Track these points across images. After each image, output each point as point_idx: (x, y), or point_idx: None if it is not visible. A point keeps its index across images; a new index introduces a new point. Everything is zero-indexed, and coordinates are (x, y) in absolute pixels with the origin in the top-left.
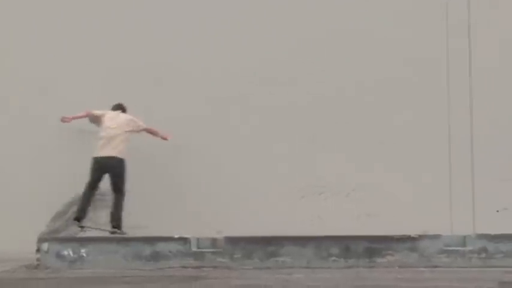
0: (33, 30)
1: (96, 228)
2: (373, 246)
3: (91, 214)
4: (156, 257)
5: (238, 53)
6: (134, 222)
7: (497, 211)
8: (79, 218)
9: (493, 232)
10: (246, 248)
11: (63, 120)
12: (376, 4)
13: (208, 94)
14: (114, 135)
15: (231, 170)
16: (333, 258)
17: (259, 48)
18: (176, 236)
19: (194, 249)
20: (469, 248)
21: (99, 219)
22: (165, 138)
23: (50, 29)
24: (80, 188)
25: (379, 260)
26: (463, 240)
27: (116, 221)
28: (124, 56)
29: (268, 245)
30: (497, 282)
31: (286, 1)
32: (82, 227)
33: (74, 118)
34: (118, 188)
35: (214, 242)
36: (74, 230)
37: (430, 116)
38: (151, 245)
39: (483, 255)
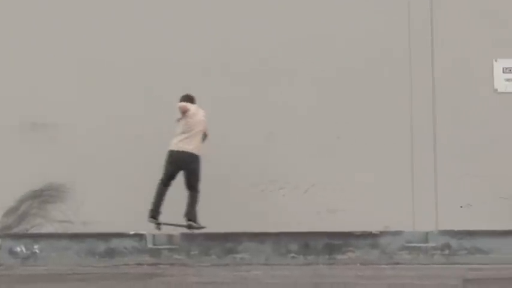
0: None
1: (171, 224)
2: (333, 243)
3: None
4: (110, 253)
5: (198, 45)
6: (86, 217)
7: (461, 207)
8: (155, 215)
9: (456, 228)
10: (203, 244)
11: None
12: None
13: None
14: (197, 131)
15: None
16: (292, 254)
17: (221, 40)
18: (131, 232)
19: (150, 245)
20: (431, 244)
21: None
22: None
23: None
24: (32, 184)
25: (339, 256)
26: (426, 237)
27: (191, 217)
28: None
29: (225, 242)
30: (461, 280)
31: None
32: (159, 224)
33: None
34: (192, 185)
35: (170, 238)
36: (26, 226)
37: (392, 111)
38: (105, 241)
39: (446, 251)
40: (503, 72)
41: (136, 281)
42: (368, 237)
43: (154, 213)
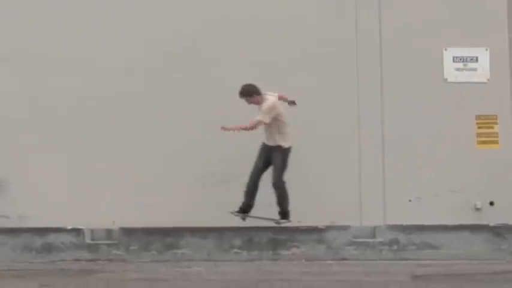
0: None
1: (261, 217)
2: (278, 238)
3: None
4: (47, 249)
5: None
6: (22, 211)
7: (410, 200)
8: (247, 211)
9: (405, 223)
10: (143, 239)
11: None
12: None
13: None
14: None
15: (128, 157)
16: (235, 250)
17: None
18: (69, 227)
19: (88, 241)
20: (379, 239)
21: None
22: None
23: None
24: None
25: (284, 252)
26: (373, 232)
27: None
28: None
29: (166, 236)
30: (410, 276)
31: None
32: (245, 217)
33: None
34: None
35: (109, 233)
36: None
37: (338, 102)
38: (42, 236)
39: (394, 247)
40: (453, 61)
41: (74, 278)
42: (314, 232)
43: (248, 209)
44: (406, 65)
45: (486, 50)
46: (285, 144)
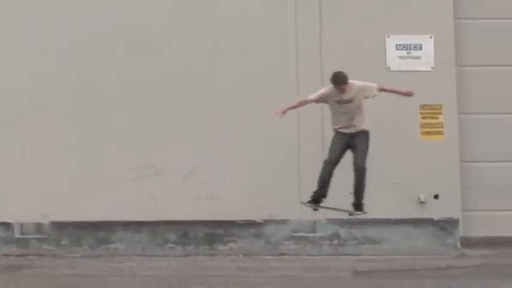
0: None
1: (334, 208)
2: (214, 232)
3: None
4: None
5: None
6: None
7: (351, 194)
8: (319, 201)
9: (346, 217)
10: (74, 234)
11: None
12: None
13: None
14: None
15: (59, 149)
16: (170, 245)
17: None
18: None
19: (17, 235)
20: (319, 234)
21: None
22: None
23: None
24: None
25: (220, 247)
26: (313, 226)
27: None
28: None
29: (98, 231)
30: (351, 272)
31: None
32: (318, 207)
33: None
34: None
35: (39, 227)
36: None
37: (278, 94)
38: None
39: (335, 242)
40: (396, 49)
41: (2, 273)
42: (251, 226)
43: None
44: (348, 54)
45: (430, 37)
46: (367, 128)
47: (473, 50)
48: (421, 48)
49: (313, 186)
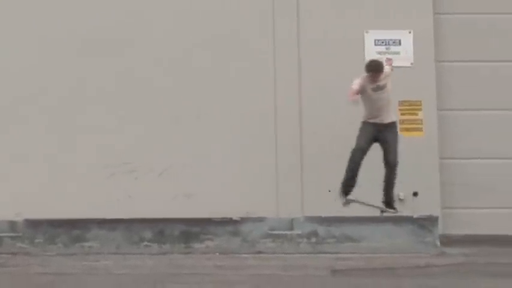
0: None
1: (366, 204)
2: (191, 230)
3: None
4: None
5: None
6: None
7: (329, 191)
8: (348, 190)
9: (324, 214)
10: (48, 232)
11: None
12: None
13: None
14: None
15: (33, 145)
16: (145, 243)
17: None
18: None
19: None
20: (297, 231)
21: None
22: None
23: None
24: None
25: (197, 245)
26: (291, 224)
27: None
28: None
29: (73, 229)
30: (330, 270)
31: None
32: (349, 201)
33: None
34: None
35: (12, 225)
36: None
37: (255, 88)
38: None
39: (313, 239)
40: (375, 44)
41: None
42: (228, 224)
43: (349, 189)
44: (326, 50)
45: (410, 32)
46: (396, 119)
47: (452, 46)
48: (400, 44)
49: (290, 184)
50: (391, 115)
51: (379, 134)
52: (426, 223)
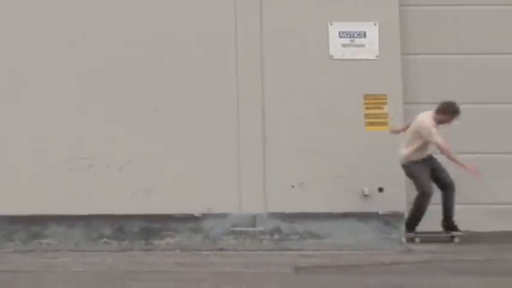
0: None
1: (435, 234)
2: (151, 227)
3: None
4: None
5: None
6: None
7: (292, 186)
8: (413, 228)
9: (287, 210)
10: (5, 228)
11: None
12: None
13: None
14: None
15: None
16: (105, 240)
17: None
18: None
19: None
20: (259, 228)
21: None
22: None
23: None
24: None
25: (157, 242)
26: (253, 220)
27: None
28: None
29: (31, 225)
30: (293, 268)
31: None
32: (416, 236)
33: None
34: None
35: None
36: None
37: (216, 80)
38: None
39: (276, 236)
40: (340, 36)
41: None
42: (189, 220)
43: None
44: (288, 42)
45: (375, 24)
46: None
47: (419, 38)
48: (365, 36)
49: (253, 179)
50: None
51: (430, 164)
52: (392, 219)
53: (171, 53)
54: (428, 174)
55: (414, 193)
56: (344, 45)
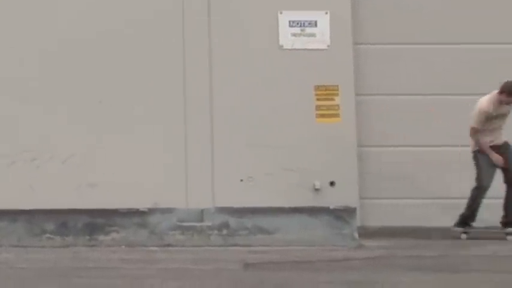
0: None
1: (488, 230)
2: (95, 222)
3: None
4: None
5: None
6: None
7: (241, 180)
8: (467, 224)
9: (235, 205)
10: None
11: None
12: None
13: None
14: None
15: None
16: (48, 235)
17: None
18: None
19: None
20: (207, 223)
21: None
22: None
23: None
24: None
25: (102, 237)
26: (201, 215)
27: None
28: None
29: None
30: (242, 264)
31: None
32: (468, 232)
33: None
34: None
35: None
36: None
37: (163, 73)
38: None
39: (224, 231)
40: (290, 26)
41: None
42: (135, 215)
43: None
44: (238, 32)
45: (326, 13)
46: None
47: (371, 28)
48: (315, 25)
49: (201, 173)
50: (501, 136)
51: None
52: (343, 214)
53: (115, 43)
54: (490, 171)
55: (367, 187)
56: (294, 35)
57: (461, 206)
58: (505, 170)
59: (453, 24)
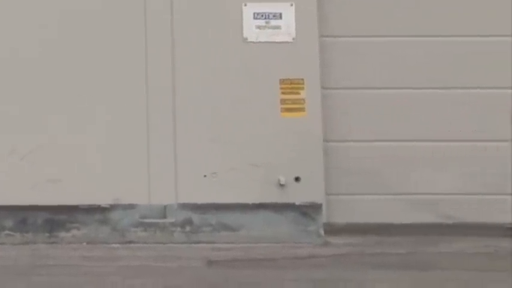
0: None
1: None
2: (55, 218)
3: None
4: None
5: None
6: None
7: (205, 176)
8: None
9: (199, 201)
10: None
11: None
12: None
13: None
14: None
15: None
16: (7, 232)
17: None
18: None
19: None
20: (170, 220)
21: None
22: None
23: None
24: None
25: (62, 234)
26: (164, 211)
27: None
28: None
29: None
30: (205, 261)
31: None
32: None
33: None
34: None
35: None
36: None
37: (124, 65)
38: None
39: (187, 228)
40: (254, 18)
41: None
42: (96, 211)
43: None
44: (201, 23)
45: (291, 5)
46: None
47: (338, 20)
48: (281, 17)
49: (163, 168)
50: None
51: None
52: (309, 210)
53: (73, 36)
54: None
55: (333, 182)
56: (259, 27)
57: (430, 202)
58: None
59: (423, 17)
